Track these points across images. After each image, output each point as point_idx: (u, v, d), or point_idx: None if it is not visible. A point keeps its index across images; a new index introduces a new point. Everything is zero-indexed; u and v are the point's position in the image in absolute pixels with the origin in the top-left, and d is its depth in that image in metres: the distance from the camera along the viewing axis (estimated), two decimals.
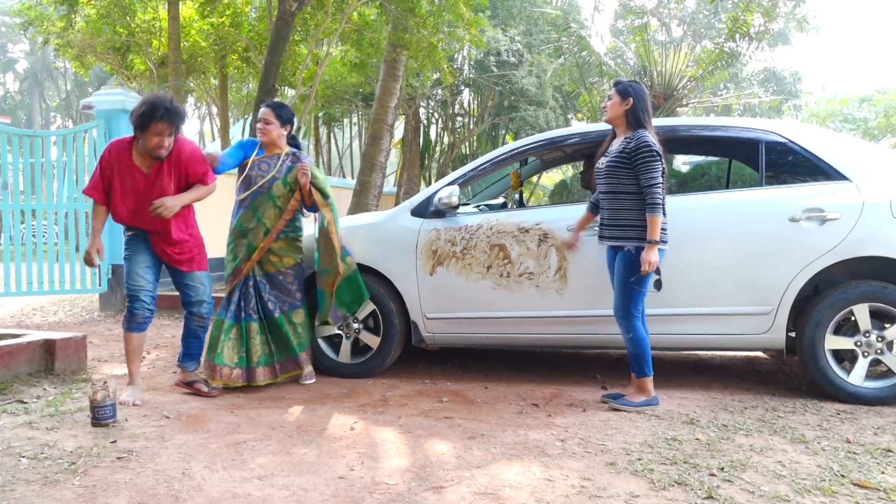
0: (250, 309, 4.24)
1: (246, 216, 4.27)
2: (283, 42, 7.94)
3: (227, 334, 4.18)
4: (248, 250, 4.26)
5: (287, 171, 4.32)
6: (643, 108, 3.80)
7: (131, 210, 3.81)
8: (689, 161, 16.56)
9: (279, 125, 4.32)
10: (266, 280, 4.30)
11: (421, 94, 14.52)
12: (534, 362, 5.05)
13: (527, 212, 4.49)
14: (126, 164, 3.76)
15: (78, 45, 10.54)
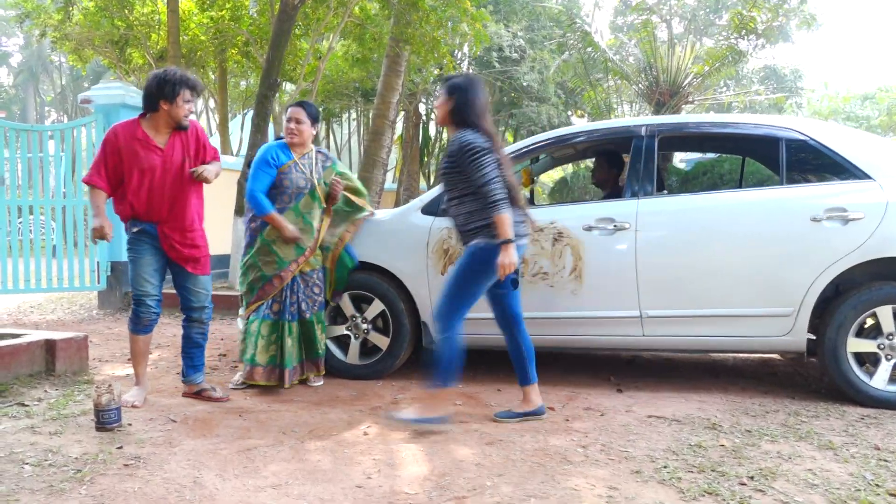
0: (291, 310, 4.15)
1: (290, 218, 4.12)
2: (286, 36, 7.82)
3: (259, 333, 4.07)
4: (297, 252, 4.14)
5: (323, 169, 4.26)
6: (467, 105, 3.41)
7: (144, 198, 3.69)
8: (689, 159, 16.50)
9: (310, 124, 4.21)
10: (301, 280, 4.19)
11: (422, 90, 14.39)
12: (545, 364, 4.95)
13: (541, 210, 4.39)
14: (141, 142, 3.66)
15: (75, 39, 10.37)
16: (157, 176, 3.70)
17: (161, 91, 3.63)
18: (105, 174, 3.68)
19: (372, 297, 4.47)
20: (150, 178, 3.69)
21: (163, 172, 3.71)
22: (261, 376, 4.08)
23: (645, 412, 3.68)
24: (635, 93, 13.59)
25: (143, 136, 3.68)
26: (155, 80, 3.67)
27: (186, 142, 3.79)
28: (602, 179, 5.36)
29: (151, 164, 3.68)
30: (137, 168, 3.66)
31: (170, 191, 3.73)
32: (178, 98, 3.64)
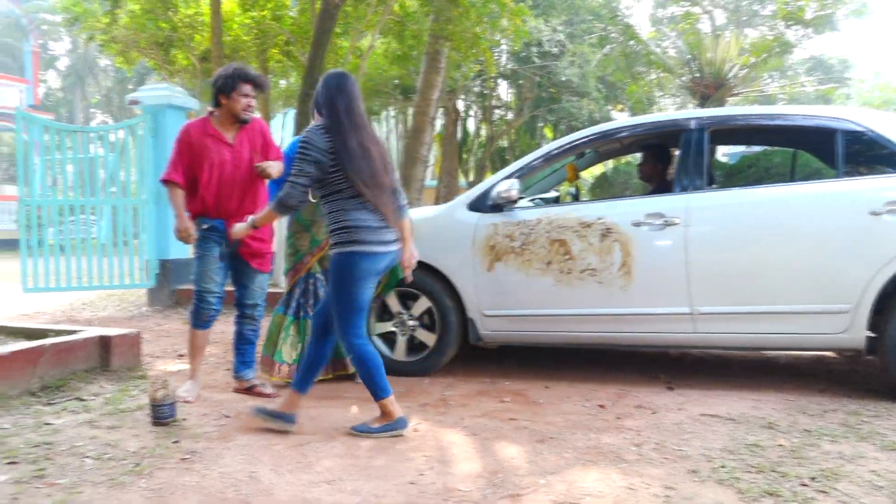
0: (309, 306, 4.18)
1: (308, 210, 4.18)
2: (328, 34, 7.87)
3: (287, 331, 4.14)
4: (312, 244, 4.18)
5: None
6: (320, 102, 3.22)
7: (215, 192, 3.76)
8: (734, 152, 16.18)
9: None
10: (324, 276, 4.22)
11: (461, 87, 14.37)
12: (593, 361, 4.90)
13: (589, 206, 4.35)
14: (212, 137, 3.77)
15: (122, 42, 10.60)
16: (228, 170, 3.78)
17: (218, 86, 3.75)
18: (182, 171, 3.76)
19: (418, 294, 4.47)
20: (220, 173, 3.76)
21: (233, 167, 3.79)
22: (286, 374, 4.14)
23: (698, 410, 3.61)
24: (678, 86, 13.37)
25: (214, 132, 3.78)
26: (215, 76, 3.80)
27: (253, 138, 3.89)
28: (649, 174, 5.28)
29: (222, 159, 3.77)
30: (208, 163, 3.74)
31: (239, 185, 3.81)
32: (235, 92, 3.74)
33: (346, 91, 3.18)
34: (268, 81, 3.94)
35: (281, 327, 4.15)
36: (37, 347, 3.97)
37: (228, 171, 3.77)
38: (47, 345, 4.03)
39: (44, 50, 32.89)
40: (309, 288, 4.20)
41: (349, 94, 3.17)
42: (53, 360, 4.04)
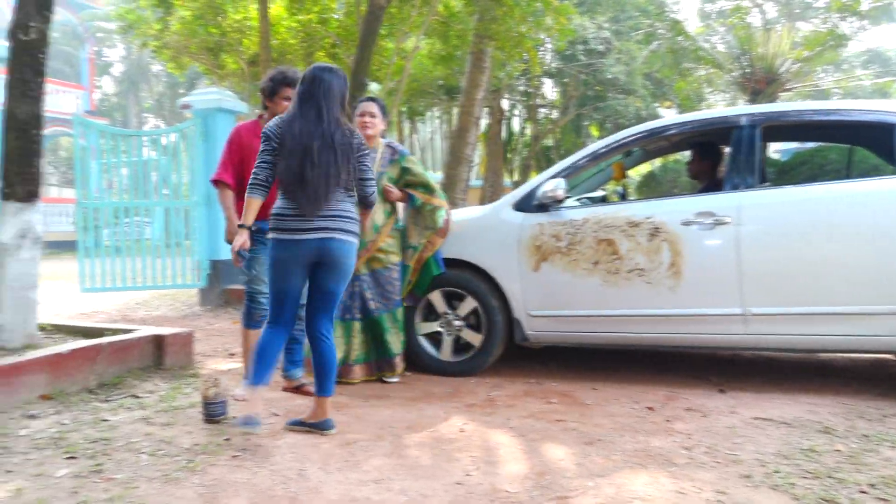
0: (354, 308, 4.22)
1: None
2: (374, 36, 7.93)
3: (335, 333, 4.14)
4: (359, 246, 4.20)
5: (389, 163, 4.30)
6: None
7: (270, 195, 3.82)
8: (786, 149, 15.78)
9: (381, 118, 4.27)
10: (371, 278, 4.25)
11: (506, 86, 14.32)
12: (642, 362, 4.84)
13: (636, 205, 4.29)
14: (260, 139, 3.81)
15: (173, 47, 10.88)
16: None
17: (264, 90, 3.84)
18: (233, 172, 3.84)
19: (464, 294, 4.47)
20: None
21: None
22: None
23: (750, 414, 3.53)
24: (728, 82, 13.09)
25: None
26: (263, 79, 3.85)
27: None
28: (698, 172, 5.18)
29: None
30: None
31: None
32: (277, 96, 3.83)
33: (308, 81, 3.16)
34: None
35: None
36: (95, 346, 4.09)
37: None
38: (104, 343, 4.15)
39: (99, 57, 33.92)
40: (355, 290, 4.23)
41: (309, 84, 3.15)
42: (110, 358, 4.16)
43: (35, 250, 4.33)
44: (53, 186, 29.50)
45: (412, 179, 4.36)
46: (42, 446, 3.04)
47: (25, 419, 3.41)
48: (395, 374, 4.32)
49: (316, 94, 3.13)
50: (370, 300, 4.23)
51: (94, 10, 24.93)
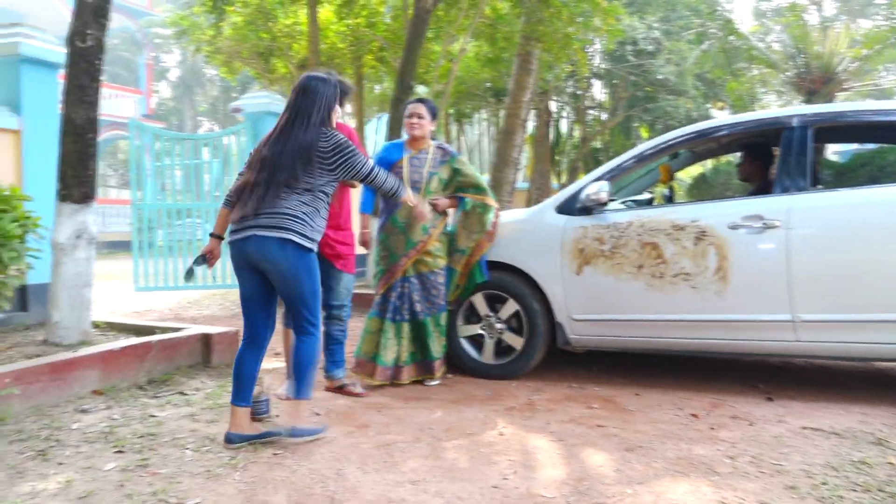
0: (404, 310, 4.24)
1: (404, 212, 4.23)
2: (420, 39, 7.97)
3: (386, 335, 4.19)
4: (407, 246, 4.23)
5: (439, 164, 4.31)
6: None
7: None
8: (845, 150, 15.28)
9: (429, 119, 4.29)
10: (418, 280, 4.27)
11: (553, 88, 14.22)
12: (687, 368, 4.74)
13: (682, 208, 4.21)
14: None
15: (226, 52, 11.12)
16: None
17: None
18: None
19: (506, 297, 4.45)
20: None
21: None
22: (361, 368, 4.25)
23: (799, 423, 3.43)
24: (783, 81, 12.74)
25: None
26: None
27: None
28: (748, 174, 5.07)
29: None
30: None
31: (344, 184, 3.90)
32: None
33: (294, 90, 3.19)
34: (350, 87, 3.98)
35: (379, 331, 4.22)
36: (145, 343, 4.21)
37: None
38: (154, 341, 4.27)
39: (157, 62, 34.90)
40: (404, 291, 4.25)
41: (294, 93, 3.17)
42: (160, 355, 4.28)
43: (90, 250, 4.48)
44: (112, 188, 30.49)
45: (463, 181, 4.37)
46: (92, 440, 3.14)
47: (78, 413, 3.52)
48: (434, 377, 4.33)
49: (296, 103, 3.12)
50: (416, 302, 4.24)
51: (152, 16, 25.67)
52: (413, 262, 4.23)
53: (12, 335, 4.72)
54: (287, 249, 2.99)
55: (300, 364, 3.15)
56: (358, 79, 11.46)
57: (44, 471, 2.78)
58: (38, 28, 5.56)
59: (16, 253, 3.81)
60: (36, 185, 5.11)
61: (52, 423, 3.35)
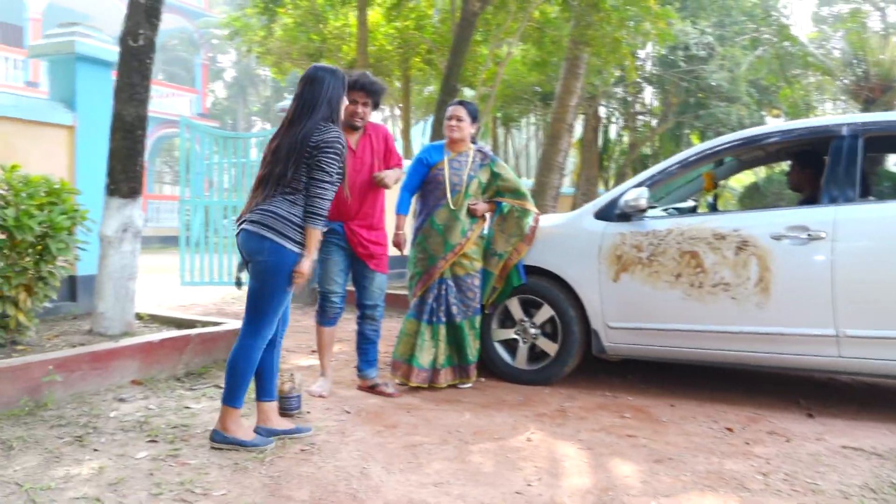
0: (441, 312, 4.24)
1: (442, 214, 4.23)
2: (466, 42, 7.98)
3: (423, 337, 4.18)
4: (445, 248, 4.23)
5: (479, 168, 4.31)
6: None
7: (336, 197, 3.88)
8: None
9: (469, 122, 4.29)
10: (454, 283, 4.26)
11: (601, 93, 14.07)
12: (726, 380, 4.63)
13: (723, 216, 4.11)
14: None
15: (276, 53, 11.33)
16: (348, 174, 3.90)
17: None
18: None
19: (541, 302, 4.42)
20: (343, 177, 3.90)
21: (354, 172, 3.91)
22: (397, 371, 4.25)
23: (839, 442, 3.32)
24: (840, 89, 12.35)
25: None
26: None
27: (377, 144, 4.01)
28: (798, 184, 4.92)
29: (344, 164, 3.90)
30: None
31: (359, 189, 3.93)
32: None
33: (301, 81, 3.11)
34: (377, 86, 3.91)
35: (415, 333, 4.22)
36: (184, 336, 4.30)
37: (349, 175, 3.88)
38: (193, 334, 4.36)
39: (213, 63, 35.75)
40: (441, 293, 4.25)
41: (301, 84, 3.10)
42: (198, 348, 4.36)
43: (135, 243, 4.60)
44: (167, 184, 31.31)
45: (503, 185, 4.36)
46: (128, 428, 3.22)
47: (116, 402, 3.62)
48: (469, 380, 4.32)
49: (303, 94, 3.05)
50: (452, 305, 4.24)
51: (209, 18, 26.27)
52: (450, 264, 4.23)
53: (61, 324, 4.88)
54: (264, 244, 2.94)
55: (227, 367, 3.05)
56: (405, 81, 11.55)
57: (79, 456, 2.86)
58: (96, 28, 5.74)
59: (64, 244, 3.94)
60: (88, 179, 5.27)
61: (90, 410, 3.45)
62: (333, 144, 2.97)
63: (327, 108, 3.03)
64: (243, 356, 3.04)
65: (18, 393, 3.38)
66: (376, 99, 3.93)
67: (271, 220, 2.95)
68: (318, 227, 2.98)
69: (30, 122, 5.16)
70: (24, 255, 3.79)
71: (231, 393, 3.03)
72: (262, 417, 3.21)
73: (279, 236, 2.94)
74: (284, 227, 2.95)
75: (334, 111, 3.06)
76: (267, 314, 3.03)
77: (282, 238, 2.94)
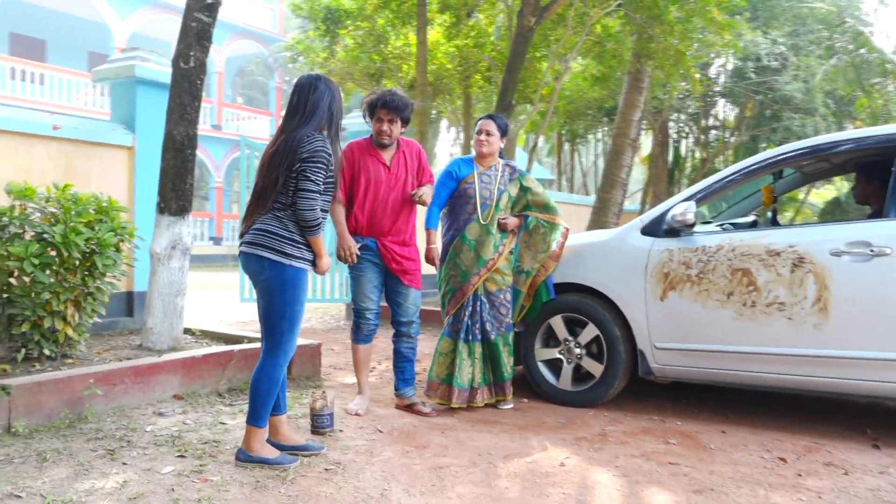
0: (476, 329, 4.14)
1: (474, 230, 4.15)
2: (521, 58, 7.90)
3: (461, 356, 4.08)
4: (479, 264, 4.14)
5: (508, 182, 4.22)
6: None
7: (369, 211, 3.88)
8: None
9: (499, 136, 4.21)
10: (487, 299, 4.16)
11: (668, 107, 13.71)
12: (785, 406, 4.35)
13: (778, 231, 3.88)
14: (371, 157, 3.92)
15: (339, 73, 11.53)
16: (382, 191, 3.89)
17: (365, 109, 3.94)
18: (343, 187, 3.93)
19: (586, 321, 4.27)
20: (375, 192, 3.88)
21: (387, 188, 3.89)
22: (434, 392, 4.13)
23: None
24: None
25: (374, 152, 3.93)
26: (363, 102, 3.93)
27: (410, 161, 3.99)
28: (866, 197, 4.61)
29: (378, 179, 3.89)
30: (365, 181, 3.88)
31: (392, 205, 3.90)
32: (372, 118, 3.90)
33: (294, 90, 3.11)
34: (401, 102, 3.86)
35: (452, 352, 4.12)
36: (226, 352, 4.34)
37: (383, 191, 3.87)
38: (235, 350, 4.40)
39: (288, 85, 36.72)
40: (476, 310, 4.15)
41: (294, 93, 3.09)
42: (240, 364, 4.40)
43: (184, 260, 4.69)
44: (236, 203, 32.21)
45: (533, 199, 4.25)
46: (160, 443, 3.25)
47: (154, 416, 3.67)
48: (506, 399, 4.19)
49: (296, 102, 3.04)
50: (487, 321, 4.14)
51: (283, 42, 27.07)
52: (483, 280, 4.14)
53: (116, 339, 5.02)
54: (263, 264, 2.96)
55: (250, 387, 3.04)
56: (466, 99, 11.54)
57: (108, 469, 2.89)
58: (156, 52, 5.95)
59: (111, 261, 4.04)
60: (147, 198, 5.44)
61: (128, 423, 3.51)
62: (319, 153, 2.94)
63: (323, 118, 3.03)
64: (265, 376, 3.02)
65: (60, 405, 3.47)
66: (403, 115, 3.88)
67: (266, 238, 2.96)
68: (316, 235, 2.98)
69: (91, 144, 5.37)
70: (73, 272, 3.90)
71: (254, 413, 3.02)
72: (272, 431, 3.20)
73: (275, 254, 2.95)
74: (280, 243, 2.96)
75: (334, 121, 3.07)
76: (283, 332, 3.01)
77: (279, 255, 2.95)
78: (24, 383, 3.36)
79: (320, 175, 2.95)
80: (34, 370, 3.79)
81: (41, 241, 3.78)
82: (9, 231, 3.82)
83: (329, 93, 3.06)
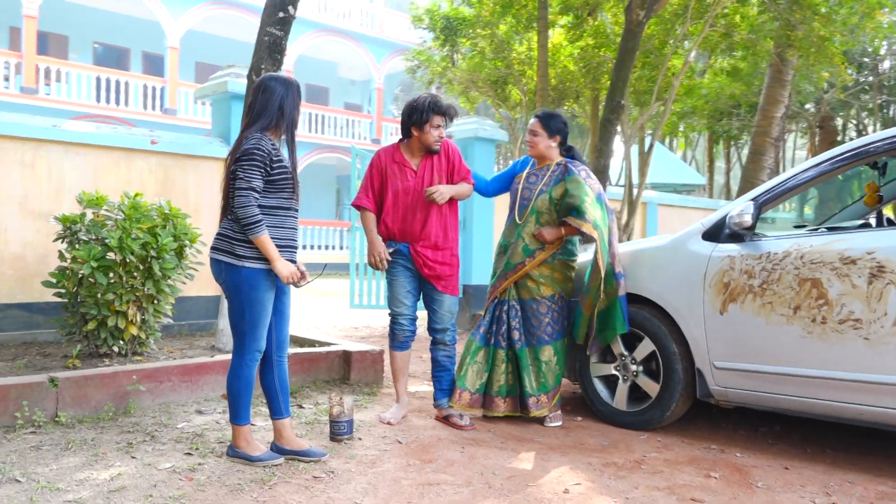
0: (500, 334, 3.94)
1: (508, 231, 4.04)
2: (631, 55, 7.46)
3: (474, 357, 3.94)
4: (506, 268, 3.95)
5: (555, 182, 3.95)
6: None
7: (399, 217, 3.82)
8: None
9: (546, 136, 3.97)
10: (519, 306, 3.94)
11: (829, 100, 12.37)
12: (876, 441, 3.70)
13: (854, 235, 3.29)
14: (399, 163, 3.85)
15: (462, 82, 11.55)
16: (410, 196, 3.81)
17: (410, 118, 3.78)
18: (371, 196, 3.90)
19: (643, 336, 3.89)
20: (404, 199, 3.81)
21: (415, 194, 3.81)
22: (466, 402, 3.92)
23: None
24: None
25: (401, 159, 3.85)
26: (406, 108, 3.83)
27: (438, 163, 3.87)
28: None
29: (405, 186, 3.81)
30: (393, 188, 3.82)
31: (421, 211, 3.81)
32: (427, 125, 3.75)
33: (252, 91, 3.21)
34: (449, 107, 3.83)
35: (469, 352, 3.97)
36: None
37: (411, 196, 3.79)
38: (289, 354, 4.47)
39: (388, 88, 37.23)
40: (503, 315, 3.94)
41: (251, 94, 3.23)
42: (295, 367, 4.46)
43: None
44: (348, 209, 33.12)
45: (569, 200, 3.86)
46: (180, 439, 3.36)
47: (193, 414, 3.81)
48: (530, 413, 3.89)
49: (248, 105, 3.08)
50: (514, 329, 3.91)
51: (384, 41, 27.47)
52: (513, 285, 3.91)
53: (199, 339, 5.31)
54: (220, 266, 3.04)
55: (226, 388, 3.11)
56: (594, 101, 11.12)
57: (113, 461, 3.02)
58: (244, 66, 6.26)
59: (170, 265, 4.27)
60: None
61: (165, 420, 3.66)
62: (250, 152, 2.94)
63: (273, 118, 3.03)
64: (233, 377, 3.08)
65: (105, 399, 3.70)
66: (450, 120, 3.85)
67: (221, 242, 3.05)
68: (258, 234, 2.93)
69: (187, 156, 5.75)
70: (132, 274, 4.16)
71: (231, 412, 3.11)
72: (275, 435, 3.23)
73: (228, 256, 3.02)
74: (231, 245, 3.01)
75: (286, 119, 3.06)
76: (245, 333, 3.04)
77: (231, 257, 3.01)
78: (70, 377, 3.62)
79: (253, 173, 2.94)
80: (101, 365, 4.08)
81: (103, 245, 4.07)
82: (79, 237, 4.16)
83: (281, 91, 3.06)
